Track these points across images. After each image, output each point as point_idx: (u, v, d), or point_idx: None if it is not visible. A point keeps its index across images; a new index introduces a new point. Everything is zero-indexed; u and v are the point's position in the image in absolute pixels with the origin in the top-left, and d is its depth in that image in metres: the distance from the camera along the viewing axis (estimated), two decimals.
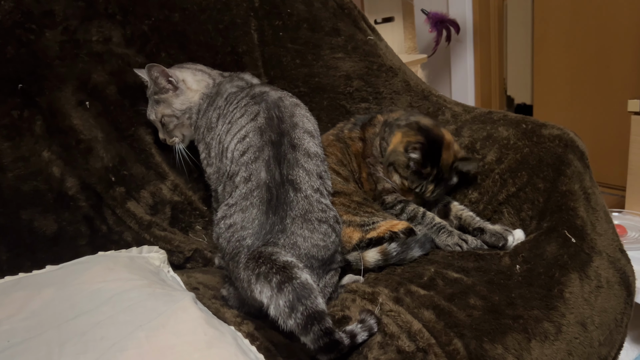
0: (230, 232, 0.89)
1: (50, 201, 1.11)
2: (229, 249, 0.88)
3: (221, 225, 0.91)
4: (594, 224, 1.06)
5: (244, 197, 0.91)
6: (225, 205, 0.93)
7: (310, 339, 0.72)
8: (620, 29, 2.41)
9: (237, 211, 0.90)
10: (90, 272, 0.94)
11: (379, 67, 1.46)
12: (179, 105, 1.17)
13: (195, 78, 1.19)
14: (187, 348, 0.72)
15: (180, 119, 1.18)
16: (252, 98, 1.05)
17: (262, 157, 0.93)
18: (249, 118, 1.01)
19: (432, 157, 1.16)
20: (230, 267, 0.88)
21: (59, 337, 0.75)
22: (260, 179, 0.91)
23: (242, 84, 1.17)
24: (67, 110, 1.15)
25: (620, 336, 1.01)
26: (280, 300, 0.73)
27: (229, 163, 0.99)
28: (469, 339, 0.83)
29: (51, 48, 1.16)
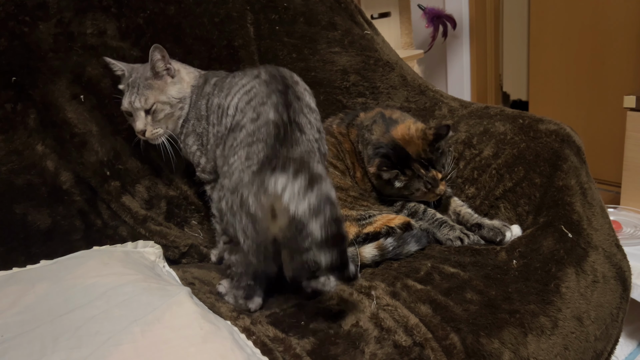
0: (233, 168, 0.86)
1: (44, 195, 1.10)
2: (231, 184, 0.85)
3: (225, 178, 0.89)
4: (590, 219, 1.06)
5: (250, 134, 0.89)
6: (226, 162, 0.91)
7: (320, 227, 0.72)
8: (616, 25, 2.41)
9: (241, 148, 0.88)
10: (84, 266, 0.93)
11: (376, 61, 1.45)
12: (175, 93, 1.13)
13: (186, 70, 1.17)
14: (183, 342, 0.71)
15: (174, 108, 1.14)
16: (245, 71, 1.06)
17: (270, 102, 0.92)
18: (251, 77, 1.00)
19: (402, 161, 1.16)
20: (230, 202, 0.84)
21: (53, 331, 0.74)
22: (268, 118, 0.89)
23: (225, 73, 1.16)
24: (61, 104, 1.14)
25: (616, 331, 1.02)
26: (295, 185, 0.73)
27: (232, 114, 0.97)
28: (466, 334, 0.83)
29: (45, 41, 1.15)
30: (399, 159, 1.16)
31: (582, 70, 2.58)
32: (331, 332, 0.82)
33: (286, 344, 0.79)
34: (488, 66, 3.05)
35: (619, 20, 2.40)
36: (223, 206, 0.89)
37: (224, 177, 0.90)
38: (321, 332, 0.82)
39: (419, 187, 1.17)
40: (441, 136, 1.15)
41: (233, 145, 0.91)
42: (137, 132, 1.12)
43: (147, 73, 1.11)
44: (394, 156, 1.16)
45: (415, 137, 1.16)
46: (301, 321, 0.86)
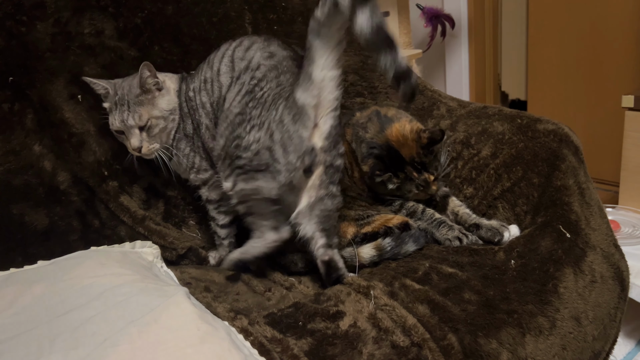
0: (265, 97, 1.02)
1: (41, 195, 1.09)
2: (268, 107, 1.00)
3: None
4: (588, 218, 1.06)
5: (272, 68, 1.05)
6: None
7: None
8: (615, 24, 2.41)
9: (268, 82, 1.03)
10: (82, 267, 0.93)
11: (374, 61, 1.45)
12: (165, 105, 1.12)
13: (168, 77, 1.16)
14: (180, 343, 0.71)
15: (167, 121, 1.13)
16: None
17: (275, 43, 1.11)
18: (229, 43, 1.11)
19: (395, 164, 1.16)
20: (268, 125, 0.99)
21: (50, 332, 0.74)
22: (283, 54, 1.08)
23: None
24: (59, 104, 1.14)
25: (614, 331, 1.02)
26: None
27: (229, 70, 1.08)
28: (464, 334, 0.83)
29: (42, 40, 1.14)
30: (392, 161, 1.16)
31: (581, 69, 2.58)
32: (329, 333, 0.82)
33: (284, 344, 0.79)
34: (487, 66, 3.05)
35: (618, 20, 2.40)
36: (253, 145, 0.99)
37: (247, 120, 1.01)
38: (319, 332, 0.82)
39: (411, 189, 1.18)
40: (435, 141, 1.15)
41: (255, 90, 1.03)
42: (133, 150, 1.11)
43: (135, 89, 1.09)
44: (387, 158, 1.16)
45: (410, 139, 1.16)
46: (299, 321, 0.86)
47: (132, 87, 1.09)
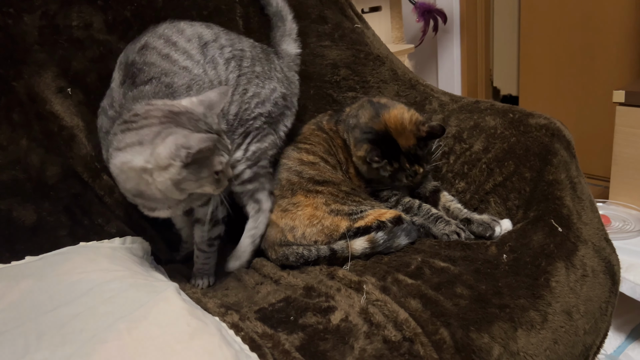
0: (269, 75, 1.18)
1: (29, 191, 1.08)
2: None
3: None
4: (579, 213, 1.06)
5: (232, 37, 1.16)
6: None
7: None
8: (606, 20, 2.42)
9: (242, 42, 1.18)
10: (70, 263, 0.92)
11: (366, 55, 1.44)
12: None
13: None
14: (169, 339, 0.70)
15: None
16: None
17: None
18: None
19: (390, 151, 1.15)
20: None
21: (37, 329, 0.73)
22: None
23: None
24: (47, 96, 1.12)
25: (605, 325, 1.02)
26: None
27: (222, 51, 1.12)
28: (456, 328, 0.83)
29: (30, 33, 1.12)
30: (387, 148, 1.15)
31: (572, 65, 2.58)
32: (320, 328, 0.81)
33: (275, 339, 0.78)
34: (478, 61, 3.05)
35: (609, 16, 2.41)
36: (273, 95, 1.17)
37: (255, 77, 1.13)
38: (310, 327, 0.82)
39: (401, 178, 1.17)
40: (435, 135, 1.15)
41: (238, 53, 1.13)
42: (230, 179, 0.96)
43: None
44: (383, 144, 1.15)
45: (408, 129, 1.15)
46: (290, 316, 0.85)
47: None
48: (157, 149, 0.84)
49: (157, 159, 0.84)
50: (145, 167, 0.85)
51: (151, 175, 0.86)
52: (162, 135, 0.85)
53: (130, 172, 0.87)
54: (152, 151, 0.84)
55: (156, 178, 0.85)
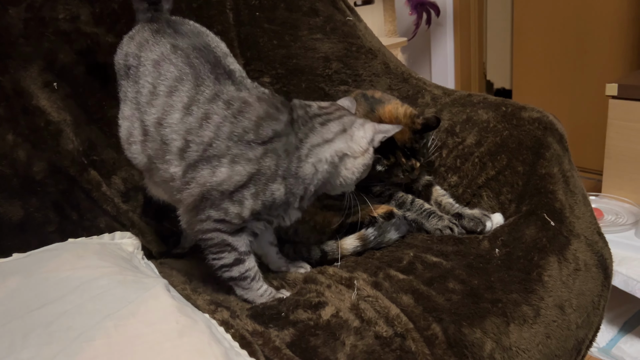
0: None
1: (16, 186, 1.06)
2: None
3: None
4: (572, 207, 1.05)
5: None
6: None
7: None
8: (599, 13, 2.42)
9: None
10: (58, 259, 0.90)
11: (358, 48, 1.43)
12: None
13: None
14: (158, 337, 0.69)
15: None
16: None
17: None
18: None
19: (386, 146, 1.12)
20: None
21: (23, 327, 0.71)
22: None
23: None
24: (34, 91, 1.10)
25: (597, 318, 1.02)
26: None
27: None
28: (448, 324, 0.82)
29: (15, 26, 1.10)
30: (383, 143, 1.13)
31: (565, 58, 2.58)
32: (311, 324, 0.80)
33: (265, 337, 0.77)
34: (472, 54, 3.05)
35: (602, 9, 2.41)
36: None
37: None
38: (301, 323, 0.81)
39: (397, 173, 1.15)
40: (430, 128, 1.13)
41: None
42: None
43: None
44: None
45: (403, 122, 1.12)
46: (281, 312, 0.84)
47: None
48: (357, 133, 0.90)
49: (360, 144, 0.90)
50: (347, 152, 0.90)
51: (349, 160, 0.91)
52: (358, 123, 0.92)
53: (336, 160, 0.90)
54: (352, 137, 0.90)
55: (353, 163, 0.91)
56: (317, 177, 0.89)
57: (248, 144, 0.84)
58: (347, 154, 0.90)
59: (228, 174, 0.84)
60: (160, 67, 0.89)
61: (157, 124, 0.88)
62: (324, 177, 0.90)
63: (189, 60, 0.89)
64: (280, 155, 0.85)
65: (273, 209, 0.88)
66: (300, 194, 0.89)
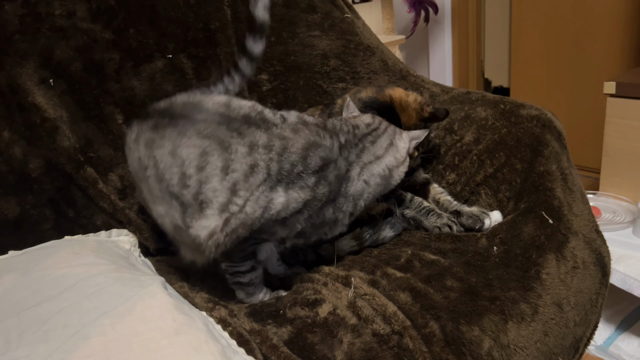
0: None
1: (12, 183, 1.05)
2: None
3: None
4: (570, 204, 1.05)
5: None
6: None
7: None
8: (597, 12, 2.42)
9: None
10: (54, 257, 0.90)
11: (357, 45, 1.43)
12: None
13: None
14: (155, 335, 0.69)
15: None
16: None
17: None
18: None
19: (391, 121, 1.11)
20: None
21: (19, 325, 0.71)
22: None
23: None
24: (30, 87, 1.09)
25: (595, 316, 1.02)
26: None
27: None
28: (446, 321, 0.82)
29: (11, 22, 1.10)
30: (390, 119, 1.11)
31: (563, 57, 2.58)
32: (308, 321, 0.80)
33: (263, 335, 0.77)
34: (470, 52, 3.05)
35: (600, 7, 2.41)
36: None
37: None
38: (299, 320, 0.81)
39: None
40: (437, 118, 1.12)
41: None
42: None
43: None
44: (386, 117, 1.07)
45: (412, 107, 1.10)
46: (279, 310, 0.84)
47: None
48: (399, 144, 0.96)
49: (402, 153, 0.96)
50: (394, 164, 0.95)
51: (395, 170, 0.95)
52: (397, 133, 0.98)
53: (387, 173, 0.94)
54: (397, 148, 0.96)
55: (398, 172, 0.96)
56: (367, 191, 0.92)
57: (299, 176, 0.83)
58: (394, 165, 0.95)
59: (285, 203, 0.82)
60: (178, 154, 0.83)
61: (195, 195, 0.83)
62: (375, 191, 0.93)
63: (202, 135, 0.82)
64: (332, 182, 0.85)
65: (320, 228, 0.89)
66: (350, 211, 0.91)
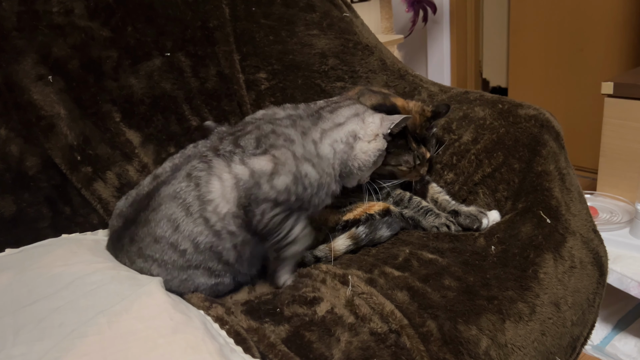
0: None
1: (8, 181, 1.05)
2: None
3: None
4: (568, 204, 1.05)
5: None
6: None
7: None
8: (595, 12, 2.42)
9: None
10: (51, 255, 0.90)
11: (355, 45, 1.42)
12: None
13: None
14: (152, 333, 0.69)
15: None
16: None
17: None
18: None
19: (399, 131, 1.11)
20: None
21: (15, 323, 0.71)
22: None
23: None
24: (26, 85, 1.09)
25: (592, 316, 1.02)
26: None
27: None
28: (443, 320, 0.82)
29: (8, 19, 1.09)
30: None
31: (561, 57, 2.59)
32: (306, 319, 0.80)
33: (260, 333, 0.77)
34: (468, 52, 3.05)
35: (598, 8, 2.41)
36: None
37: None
38: (296, 318, 0.81)
39: (408, 159, 1.12)
40: (439, 114, 1.12)
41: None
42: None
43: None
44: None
45: (414, 111, 1.13)
46: (277, 308, 0.84)
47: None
48: (368, 118, 0.98)
49: (371, 128, 0.98)
50: (359, 135, 0.97)
51: (363, 143, 0.97)
52: (369, 111, 1.01)
53: (351, 141, 0.96)
54: (363, 120, 0.98)
55: (368, 147, 0.97)
56: (337, 157, 0.95)
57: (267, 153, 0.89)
58: (359, 137, 0.97)
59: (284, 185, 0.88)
60: (158, 236, 0.87)
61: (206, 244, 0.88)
62: (342, 158, 0.96)
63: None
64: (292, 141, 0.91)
65: (313, 192, 0.93)
66: (333, 172, 0.95)
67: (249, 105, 1.37)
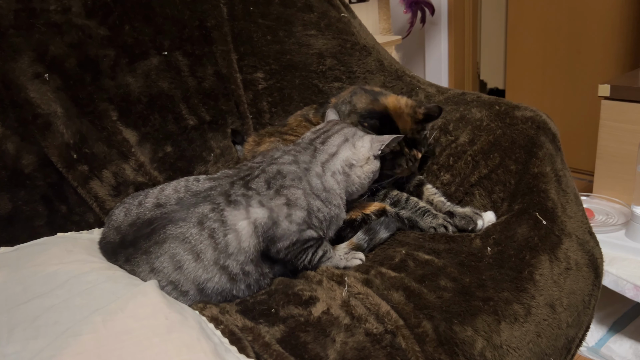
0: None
1: (4, 179, 1.05)
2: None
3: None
4: (564, 206, 1.06)
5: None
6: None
7: None
8: (593, 15, 2.43)
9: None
10: (47, 253, 0.89)
11: (353, 45, 1.43)
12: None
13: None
14: (146, 333, 0.68)
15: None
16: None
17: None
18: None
19: (390, 130, 1.11)
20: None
21: (9, 321, 0.70)
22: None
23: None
24: (23, 83, 1.09)
25: (588, 318, 1.02)
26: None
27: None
28: (439, 321, 0.82)
29: (5, 17, 1.09)
30: (389, 131, 1.12)
31: (559, 59, 2.59)
32: (301, 320, 0.80)
33: (255, 332, 0.77)
34: (466, 54, 3.05)
35: (596, 11, 2.42)
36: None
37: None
38: (291, 318, 0.80)
39: (402, 163, 1.14)
40: (432, 117, 1.13)
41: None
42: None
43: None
44: (382, 127, 1.11)
45: (405, 112, 1.13)
46: (271, 308, 0.84)
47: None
48: (358, 143, 0.99)
49: (362, 153, 0.99)
50: (353, 162, 0.99)
51: (358, 169, 0.99)
52: (358, 134, 1.02)
53: (347, 170, 0.99)
54: (354, 145, 0.99)
55: (362, 171, 0.99)
56: (341, 187, 0.98)
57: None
58: (353, 163, 0.99)
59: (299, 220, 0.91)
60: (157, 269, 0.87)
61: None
62: (344, 187, 0.99)
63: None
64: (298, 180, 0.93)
65: (326, 224, 0.96)
66: (340, 203, 0.98)
67: (246, 105, 1.37)
